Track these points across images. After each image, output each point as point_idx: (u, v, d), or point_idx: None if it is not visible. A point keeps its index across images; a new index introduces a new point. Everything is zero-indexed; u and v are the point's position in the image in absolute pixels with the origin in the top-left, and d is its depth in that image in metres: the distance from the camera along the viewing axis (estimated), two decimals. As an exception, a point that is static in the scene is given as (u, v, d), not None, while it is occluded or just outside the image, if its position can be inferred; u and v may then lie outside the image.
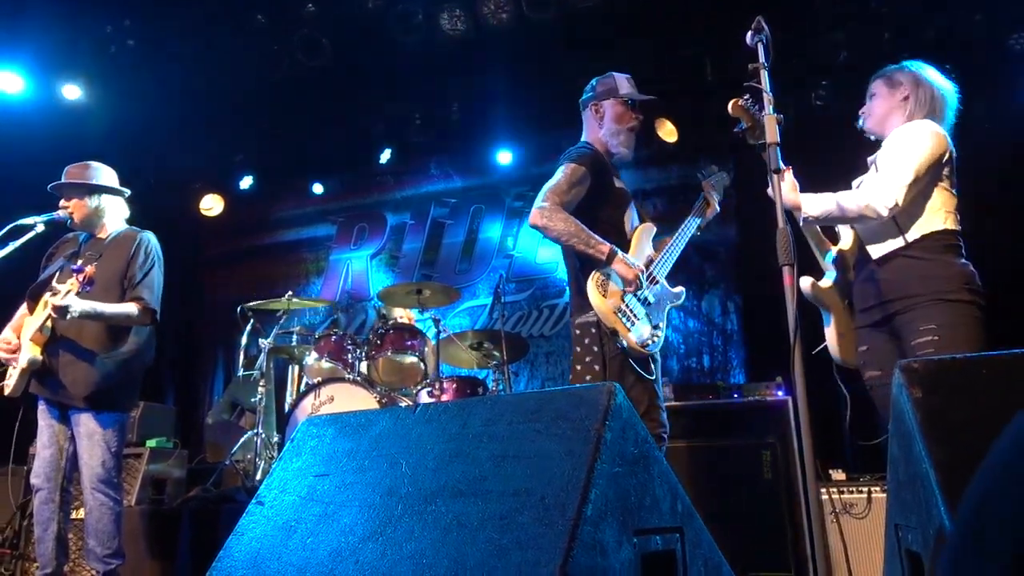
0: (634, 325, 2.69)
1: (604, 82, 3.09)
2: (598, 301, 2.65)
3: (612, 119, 3.01)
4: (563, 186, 2.77)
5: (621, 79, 3.09)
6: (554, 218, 2.69)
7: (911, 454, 1.22)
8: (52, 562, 3.15)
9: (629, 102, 3.03)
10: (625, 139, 3.01)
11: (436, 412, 1.69)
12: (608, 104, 3.03)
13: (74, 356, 3.21)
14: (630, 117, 3.03)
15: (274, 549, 1.58)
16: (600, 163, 2.91)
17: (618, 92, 3.03)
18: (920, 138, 2.50)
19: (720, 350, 5.87)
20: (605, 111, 3.03)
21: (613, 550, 1.28)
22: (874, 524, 3.44)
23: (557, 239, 2.73)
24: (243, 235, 7.81)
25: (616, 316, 2.65)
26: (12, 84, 5.67)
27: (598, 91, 3.08)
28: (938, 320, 2.39)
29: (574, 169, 2.82)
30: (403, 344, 4.78)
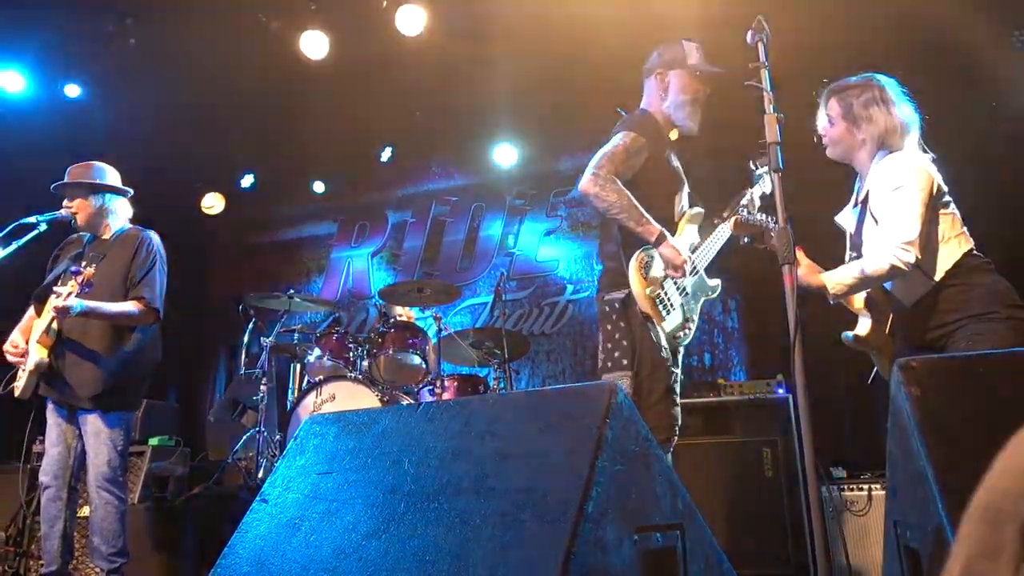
0: (669, 314, 2.58)
1: (671, 49, 2.87)
2: (638, 285, 2.53)
3: (678, 90, 2.81)
4: (620, 155, 2.62)
5: (690, 47, 2.86)
6: (608, 188, 2.55)
7: (909, 452, 1.23)
8: (57, 559, 3.17)
9: (698, 73, 2.83)
10: (691, 111, 2.83)
11: (438, 411, 1.70)
12: (674, 74, 2.82)
13: (79, 357, 3.23)
14: (698, 88, 2.84)
15: (278, 546, 1.60)
16: (660, 137, 2.76)
17: (686, 62, 2.82)
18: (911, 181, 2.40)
19: (721, 348, 5.88)
20: (671, 81, 2.82)
21: (614, 547, 1.29)
22: (874, 521, 3.46)
23: (607, 210, 2.58)
24: (244, 233, 7.82)
25: (654, 302, 2.54)
26: (14, 83, 5.68)
27: (665, 59, 2.86)
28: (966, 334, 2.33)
29: (634, 139, 2.65)
30: (404, 342, 4.79)
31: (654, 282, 2.57)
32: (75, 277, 3.07)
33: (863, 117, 2.54)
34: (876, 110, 2.54)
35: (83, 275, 3.05)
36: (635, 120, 2.76)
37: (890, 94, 2.57)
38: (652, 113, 2.84)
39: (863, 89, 2.59)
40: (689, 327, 2.68)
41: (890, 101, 2.55)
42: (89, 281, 3.09)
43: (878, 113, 2.53)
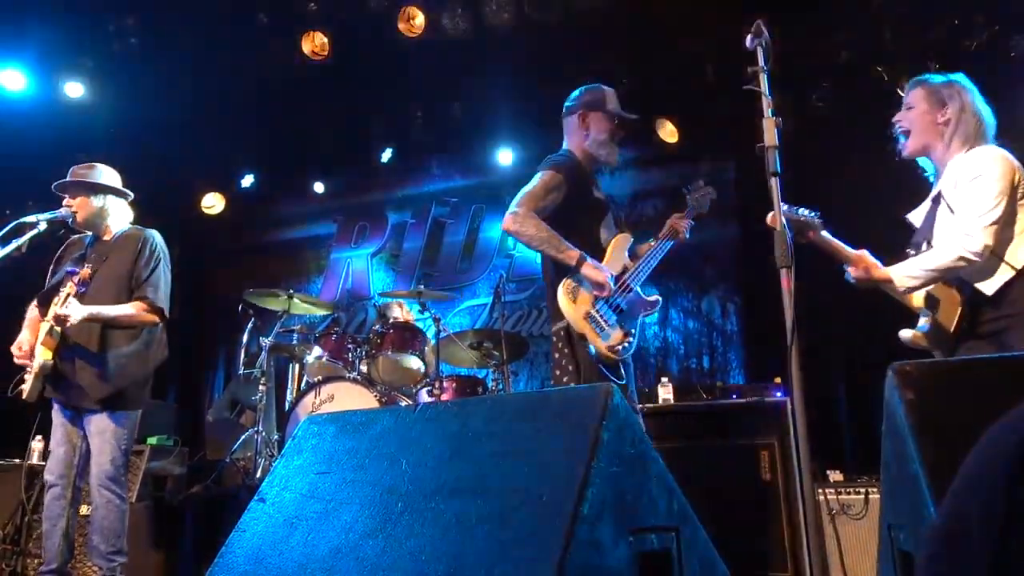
0: (604, 331, 2.74)
1: (592, 92, 3.14)
2: (568, 307, 2.73)
3: (598, 131, 3.06)
4: (539, 192, 2.85)
5: (609, 93, 3.14)
6: (526, 223, 2.78)
7: (903, 455, 1.23)
8: (57, 558, 3.18)
9: (615, 116, 3.09)
10: (610, 151, 3.08)
11: (436, 411, 1.71)
12: (595, 116, 3.08)
13: (86, 360, 3.24)
14: (616, 131, 3.09)
15: (276, 545, 1.60)
16: (579, 171, 2.99)
17: (605, 106, 3.09)
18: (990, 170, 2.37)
19: (720, 351, 5.89)
20: (591, 122, 3.08)
21: (609, 548, 1.30)
22: (871, 524, 3.46)
23: (528, 244, 2.81)
24: (244, 233, 7.83)
25: (586, 322, 2.72)
26: (15, 82, 5.69)
27: (585, 100, 3.12)
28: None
29: (552, 176, 2.89)
30: (403, 343, 4.80)
31: (584, 302, 2.75)
32: (71, 278, 3.09)
33: (947, 97, 2.52)
34: (959, 98, 2.52)
35: (79, 275, 3.07)
36: (553, 159, 3.00)
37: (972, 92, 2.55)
38: (572, 150, 3.10)
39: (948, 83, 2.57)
40: (628, 341, 2.80)
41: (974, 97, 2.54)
42: (85, 281, 3.10)
43: (961, 102, 2.51)
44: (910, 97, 2.63)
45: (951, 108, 2.51)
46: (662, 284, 6.12)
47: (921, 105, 2.56)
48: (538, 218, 2.79)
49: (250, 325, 5.29)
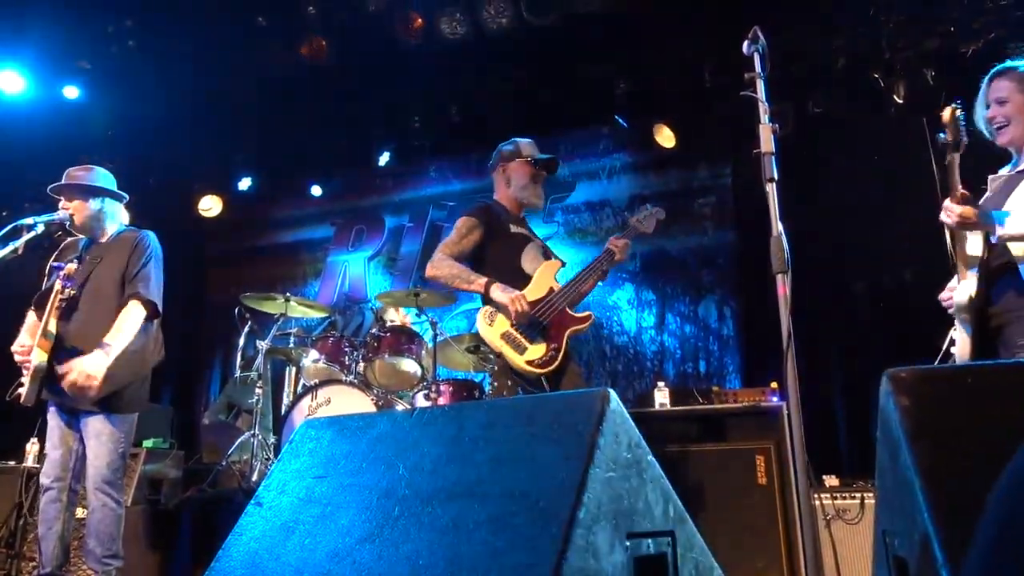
0: (521, 347, 2.96)
1: (507, 148, 3.43)
2: (485, 331, 3.00)
3: (519, 177, 3.35)
4: (453, 238, 3.20)
5: (523, 143, 3.42)
6: (440, 266, 3.11)
7: (898, 461, 1.24)
8: (52, 561, 3.17)
9: (532, 160, 3.36)
10: (534, 193, 3.36)
11: (433, 415, 1.72)
12: (513, 165, 3.37)
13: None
14: (536, 174, 3.37)
15: (272, 549, 1.60)
16: (491, 213, 3.28)
17: (521, 153, 3.37)
18: None
19: (716, 355, 5.90)
20: (511, 172, 3.37)
21: (605, 553, 1.30)
22: (867, 529, 3.47)
23: (445, 284, 3.14)
24: (242, 236, 7.83)
25: (503, 341, 2.97)
26: (13, 84, 5.68)
27: (504, 155, 3.42)
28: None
29: (464, 221, 3.23)
30: (400, 347, 4.80)
31: (503, 324, 2.99)
32: (58, 272, 3.10)
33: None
34: None
35: (65, 270, 3.09)
36: (471, 206, 3.34)
37: None
38: (498, 199, 3.41)
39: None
40: (551, 354, 2.98)
41: None
42: (71, 276, 3.11)
43: None
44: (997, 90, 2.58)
45: None
46: (658, 288, 6.14)
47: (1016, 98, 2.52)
48: (451, 259, 3.12)
49: (247, 328, 5.28)
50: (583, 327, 3.13)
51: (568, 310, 3.11)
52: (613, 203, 6.43)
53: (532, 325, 3.01)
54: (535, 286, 3.13)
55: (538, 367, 2.94)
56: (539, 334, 3.01)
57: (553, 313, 3.06)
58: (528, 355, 2.95)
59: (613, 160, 6.45)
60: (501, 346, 2.96)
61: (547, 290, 3.14)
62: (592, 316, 3.18)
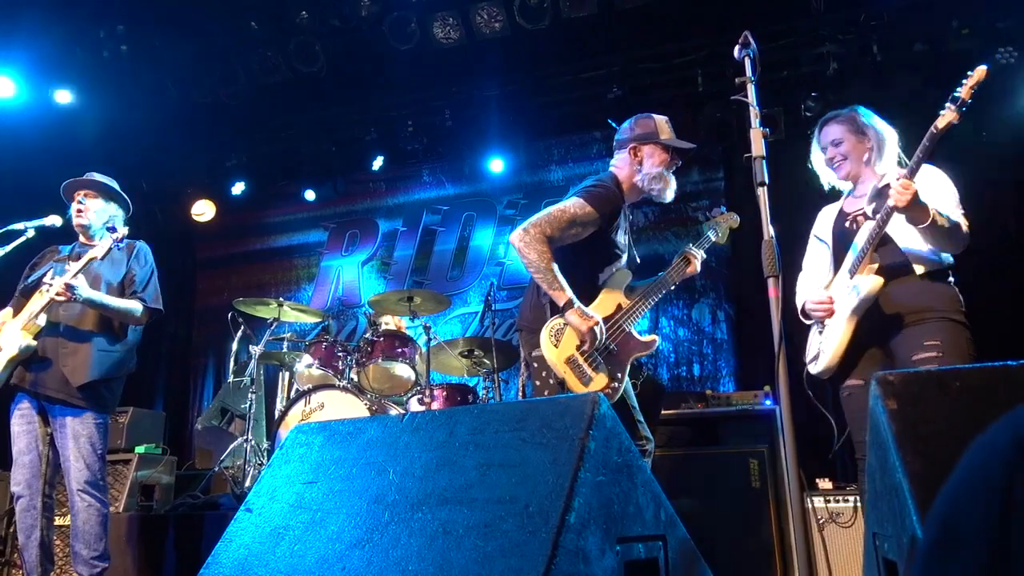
0: (586, 376, 2.64)
1: (644, 123, 2.99)
2: (549, 351, 2.64)
3: (653, 164, 2.91)
4: (563, 222, 2.71)
5: (661, 122, 2.99)
6: (531, 246, 2.66)
7: (886, 464, 1.24)
8: (37, 568, 3.14)
9: (675, 149, 2.94)
10: (665, 185, 2.93)
11: (423, 420, 1.71)
12: (648, 148, 2.92)
13: (75, 344, 3.22)
14: (669, 161, 2.94)
15: (262, 556, 1.60)
16: (615, 212, 2.84)
17: (659, 137, 2.93)
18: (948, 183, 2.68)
19: (710, 359, 5.91)
20: (645, 155, 2.92)
21: (596, 558, 1.30)
22: (860, 532, 3.47)
23: (526, 266, 2.70)
24: (235, 241, 7.81)
25: (567, 366, 2.63)
26: (4, 88, 5.66)
27: (637, 133, 2.97)
28: (942, 337, 2.47)
29: (587, 211, 2.73)
30: (393, 351, 4.79)
31: (569, 347, 2.65)
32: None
33: (870, 132, 2.81)
34: (874, 122, 2.84)
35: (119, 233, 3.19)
36: (596, 190, 2.81)
37: (870, 114, 2.86)
38: (620, 181, 2.94)
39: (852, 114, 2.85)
40: (613, 386, 2.66)
41: (874, 118, 2.85)
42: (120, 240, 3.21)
43: (876, 123, 2.84)
44: (833, 133, 2.86)
45: (871, 135, 2.81)
46: (652, 292, 6.14)
47: (849, 138, 2.82)
48: (546, 245, 2.66)
49: (240, 333, 5.27)
50: (647, 352, 2.80)
51: (634, 332, 2.80)
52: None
53: (599, 351, 2.69)
54: (603, 302, 2.80)
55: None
56: (603, 361, 2.69)
57: (620, 336, 2.75)
58: (593, 386, 2.63)
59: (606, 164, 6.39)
60: (564, 372, 2.62)
61: (615, 307, 2.81)
62: (656, 340, 2.84)
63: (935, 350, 2.45)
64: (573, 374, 2.63)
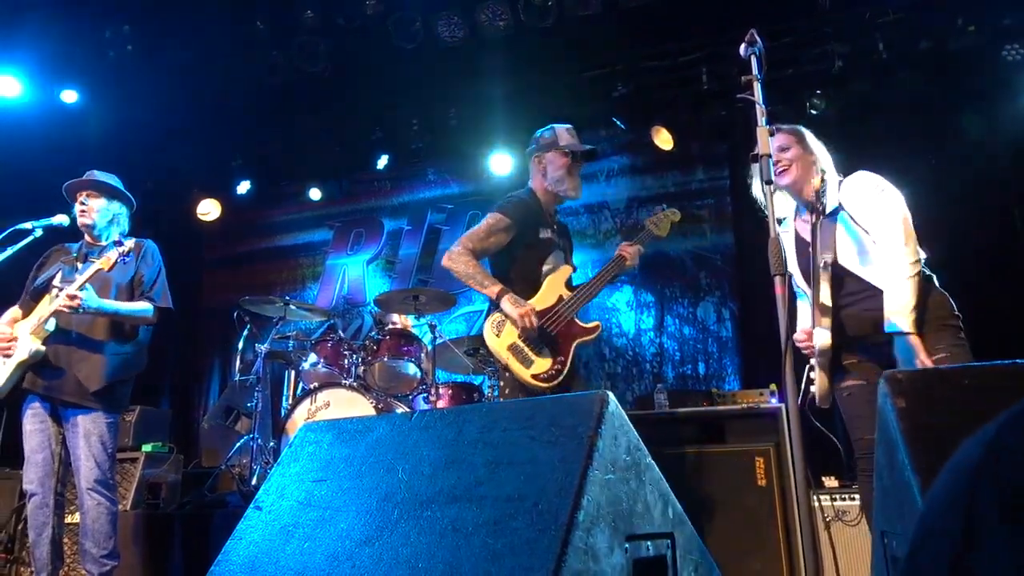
0: (527, 360, 2.90)
1: (545, 135, 3.32)
2: (491, 341, 2.93)
3: (555, 168, 3.23)
4: (480, 233, 3.09)
5: (561, 131, 3.31)
6: (457, 260, 3.01)
7: (895, 462, 1.24)
8: (47, 566, 3.15)
9: (569, 152, 3.24)
10: (570, 185, 3.24)
11: (432, 419, 1.72)
12: (550, 156, 3.24)
13: (87, 351, 3.23)
14: (572, 165, 3.25)
15: (272, 553, 1.60)
16: (530, 213, 3.17)
17: (558, 144, 3.25)
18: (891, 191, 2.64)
19: (715, 357, 5.90)
20: (547, 163, 3.24)
21: (605, 555, 1.31)
22: (866, 531, 3.47)
23: (459, 279, 3.04)
24: (240, 240, 7.83)
25: (509, 352, 2.90)
26: (10, 88, 5.68)
27: (540, 144, 3.30)
28: (945, 342, 2.48)
29: (498, 220, 3.10)
30: (399, 350, 4.79)
31: (511, 335, 2.93)
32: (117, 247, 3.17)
33: (813, 143, 2.86)
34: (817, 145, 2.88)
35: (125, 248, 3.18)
36: (507, 201, 3.19)
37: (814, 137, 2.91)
38: (534, 190, 3.28)
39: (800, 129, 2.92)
40: (556, 368, 2.93)
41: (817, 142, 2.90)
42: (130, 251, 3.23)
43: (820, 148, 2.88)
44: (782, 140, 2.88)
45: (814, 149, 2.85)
46: (657, 290, 6.14)
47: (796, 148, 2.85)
48: (470, 256, 3.02)
49: (246, 332, 5.28)
50: (591, 338, 3.07)
51: (576, 320, 3.06)
52: (611, 205, 6.44)
53: (539, 336, 2.96)
54: (544, 294, 3.08)
55: (543, 381, 2.90)
56: (546, 346, 2.96)
57: (561, 323, 3.01)
58: (534, 368, 2.91)
59: (611, 162, 6.46)
60: (507, 358, 2.91)
61: (556, 299, 3.08)
62: (600, 326, 3.12)
63: (944, 351, 2.45)
64: (515, 359, 2.90)
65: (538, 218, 3.21)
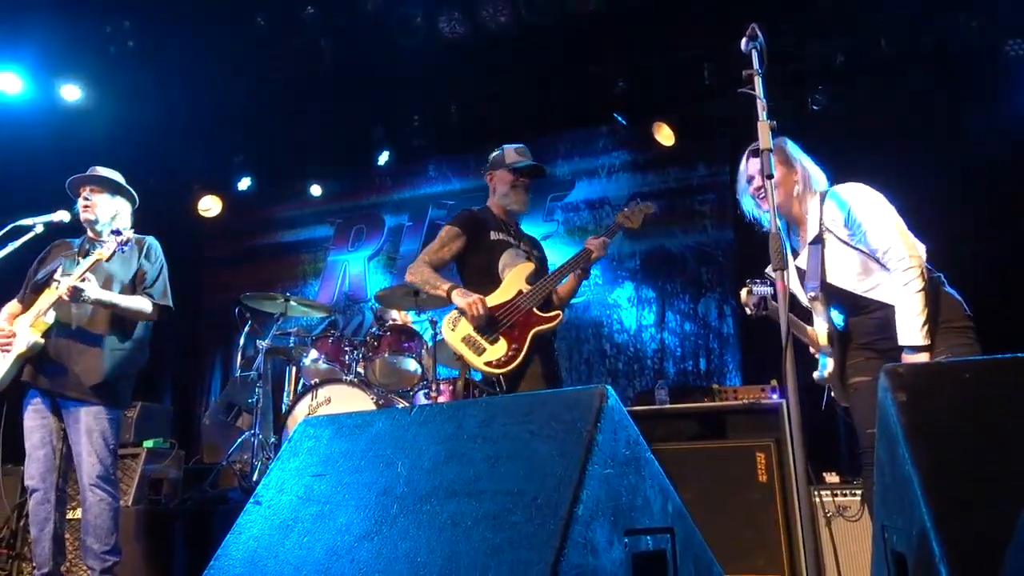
0: (481, 349, 3.06)
1: (495, 156, 3.55)
2: (448, 335, 3.12)
3: (502, 185, 3.47)
4: (435, 246, 3.37)
5: (509, 150, 3.52)
6: (414, 272, 3.28)
7: (896, 457, 1.24)
8: (49, 562, 3.16)
9: (513, 169, 3.45)
10: (516, 199, 3.45)
11: (431, 413, 1.72)
12: (498, 174, 3.49)
13: (86, 345, 3.23)
14: (517, 181, 3.45)
15: (271, 548, 1.60)
16: (475, 221, 3.42)
17: (504, 162, 3.47)
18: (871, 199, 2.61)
19: (716, 353, 5.89)
20: (496, 181, 3.50)
21: (604, 549, 1.30)
22: (867, 526, 3.46)
23: (420, 288, 3.32)
24: (241, 236, 7.83)
25: (463, 344, 3.08)
26: (11, 85, 5.68)
27: (491, 162, 3.55)
28: (947, 343, 2.44)
29: (447, 231, 3.39)
30: (400, 346, 4.80)
31: (466, 328, 3.11)
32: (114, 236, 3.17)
33: (795, 159, 2.76)
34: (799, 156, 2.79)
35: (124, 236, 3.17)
36: (457, 215, 3.49)
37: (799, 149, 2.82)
38: (488, 205, 3.54)
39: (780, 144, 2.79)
40: (509, 355, 3.05)
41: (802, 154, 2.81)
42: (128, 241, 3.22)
43: (802, 159, 2.79)
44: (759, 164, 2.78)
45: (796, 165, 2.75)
46: (658, 286, 6.14)
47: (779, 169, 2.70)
48: (426, 266, 3.27)
49: (247, 328, 5.29)
50: (549, 326, 3.15)
51: (535, 310, 3.15)
52: (612, 201, 6.43)
53: (492, 327, 3.10)
54: (503, 289, 3.22)
55: (495, 367, 3.01)
56: (501, 335, 3.09)
57: (517, 315, 3.12)
58: (486, 356, 3.04)
59: (612, 158, 6.45)
60: (462, 349, 3.07)
61: (515, 292, 3.22)
62: (560, 315, 3.21)
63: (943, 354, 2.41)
64: (468, 349, 3.07)
65: (488, 224, 3.42)
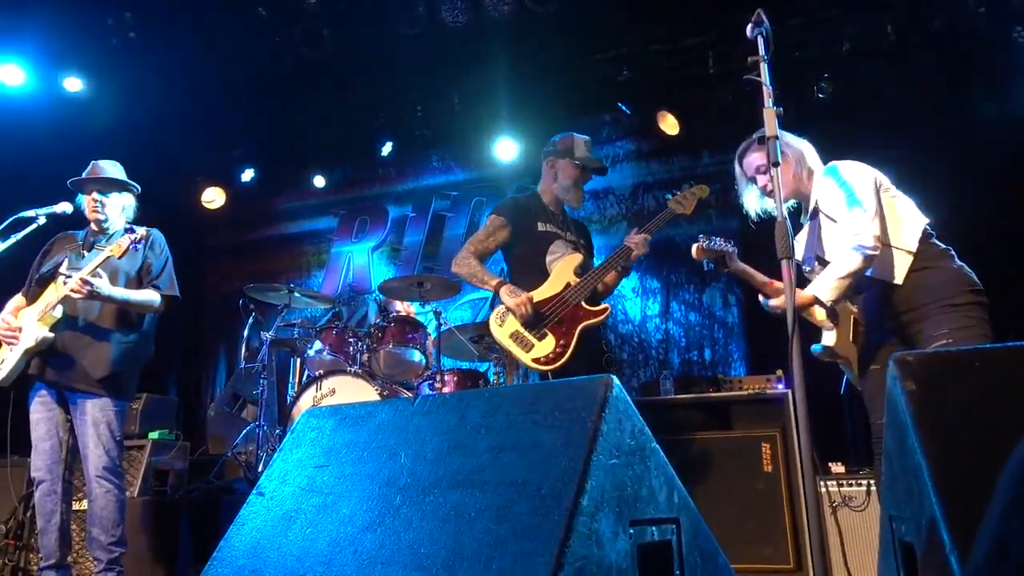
0: (529, 345, 3.03)
1: (563, 141, 3.40)
2: (496, 331, 3.09)
3: (565, 177, 3.36)
4: (480, 236, 3.33)
5: (579, 141, 3.39)
6: (461, 263, 3.25)
7: (904, 446, 1.22)
8: (55, 553, 3.17)
9: (582, 166, 3.34)
10: (574, 196, 3.38)
11: (435, 404, 1.70)
12: (563, 163, 3.36)
13: (93, 338, 3.23)
14: (581, 177, 3.37)
15: (274, 539, 1.60)
16: (523, 210, 3.34)
17: (573, 154, 3.35)
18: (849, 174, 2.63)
19: (721, 343, 5.87)
20: (559, 169, 3.37)
21: (609, 540, 1.29)
22: (872, 516, 3.46)
23: (466, 281, 3.33)
24: (244, 228, 7.82)
25: (511, 340, 3.05)
26: (13, 76, 5.66)
27: (557, 148, 3.40)
28: (948, 325, 2.42)
29: (492, 220, 3.35)
30: (404, 337, 4.79)
31: (514, 324, 3.08)
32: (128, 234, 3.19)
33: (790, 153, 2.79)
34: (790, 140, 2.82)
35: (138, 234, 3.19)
36: (503, 203, 3.45)
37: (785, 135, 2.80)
38: (540, 192, 3.45)
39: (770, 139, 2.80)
40: (557, 351, 3.02)
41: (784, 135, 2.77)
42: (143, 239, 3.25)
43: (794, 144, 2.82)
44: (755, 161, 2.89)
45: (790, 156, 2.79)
46: (663, 276, 6.11)
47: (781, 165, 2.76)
48: (473, 257, 3.25)
49: (251, 320, 5.29)
50: (597, 320, 3.11)
51: (583, 304, 3.11)
52: (616, 191, 6.40)
53: (539, 322, 3.06)
54: (551, 283, 3.17)
55: (544, 364, 2.98)
56: (549, 331, 3.05)
57: (565, 309, 3.08)
58: (535, 352, 3.00)
59: (616, 148, 6.42)
60: (509, 345, 3.04)
61: (563, 286, 3.16)
62: (608, 309, 3.17)
63: (945, 338, 2.40)
64: (516, 345, 3.03)
65: (535, 214, 3.33)
